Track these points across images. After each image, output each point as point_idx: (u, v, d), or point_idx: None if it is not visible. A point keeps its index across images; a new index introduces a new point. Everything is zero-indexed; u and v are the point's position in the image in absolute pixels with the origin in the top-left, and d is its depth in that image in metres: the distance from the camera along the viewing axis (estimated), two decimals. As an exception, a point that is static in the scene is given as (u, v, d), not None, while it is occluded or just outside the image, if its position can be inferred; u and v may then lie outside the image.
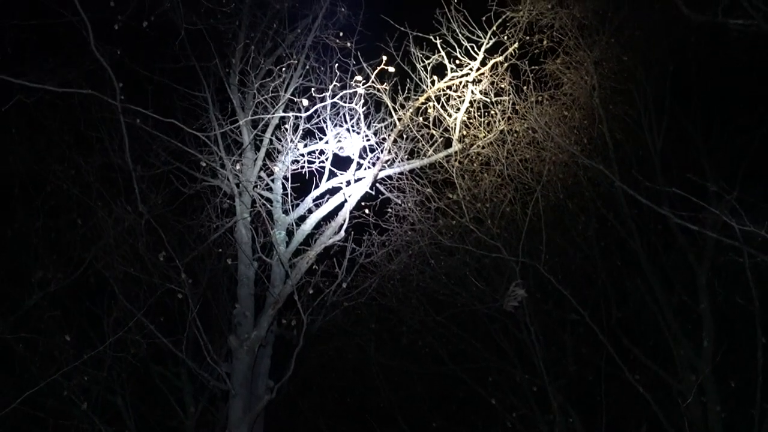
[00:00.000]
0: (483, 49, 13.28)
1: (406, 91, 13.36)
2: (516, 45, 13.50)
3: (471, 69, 13.32)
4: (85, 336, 14.42)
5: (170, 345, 12.35)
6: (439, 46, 13.10)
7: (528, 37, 13.95)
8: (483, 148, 14.22)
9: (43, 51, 13.69)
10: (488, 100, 13.86)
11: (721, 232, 10.64)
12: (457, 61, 13.30)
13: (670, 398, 14.89)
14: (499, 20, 13.38)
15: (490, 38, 13.33)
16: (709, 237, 14.33)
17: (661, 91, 14.96)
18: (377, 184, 13.71)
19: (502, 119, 14.02)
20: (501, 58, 13.51)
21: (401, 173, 14.12)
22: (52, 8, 11.55)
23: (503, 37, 13.45)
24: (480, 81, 13.60)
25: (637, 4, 13.83)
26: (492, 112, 14.01)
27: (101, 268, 13.55)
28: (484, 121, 14.02)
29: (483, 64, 13.39)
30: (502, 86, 13.93)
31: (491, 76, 13.69)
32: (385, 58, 12.30)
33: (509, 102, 14.03)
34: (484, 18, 13.32)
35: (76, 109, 14.08)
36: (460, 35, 13.25)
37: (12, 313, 13.42)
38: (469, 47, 13.35)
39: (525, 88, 14.24)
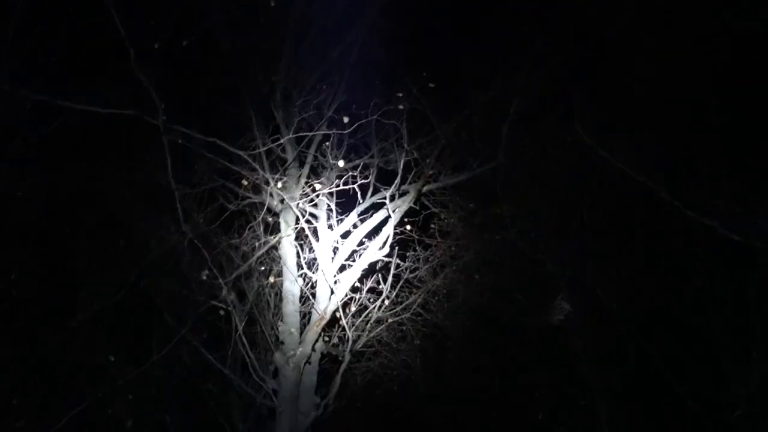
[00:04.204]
0: (528, 59, 13.23)
1: (449, 105, 13.31)
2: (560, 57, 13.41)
3: (516, 80, 13.27)
4: (132, 354, 14.47)
5: (216, 362, 12.37)
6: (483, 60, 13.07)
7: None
8: (529, 160, 14.13)
9: (88, 73, 13.81)
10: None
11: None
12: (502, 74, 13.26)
13: (719, 410, 14.67)
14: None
15: (536, 48, 13.27)
16: (758, 249, 14.11)
17: (711, 101, 14.77)
18: (421, 199, 13.66)
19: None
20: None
21: (445, 188, 14.06)
22: (93, 30, 11.65)
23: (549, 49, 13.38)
24: (526, 91, 13.53)
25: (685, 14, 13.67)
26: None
27: (147, 287, 13.62)
28: (529, 134, 13.93)
29: (528, 75, 13.32)
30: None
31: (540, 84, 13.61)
32: (425, 74, 12.27)
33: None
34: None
35: (121, 129, 14.18)
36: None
37: (59, 330, 13.51)
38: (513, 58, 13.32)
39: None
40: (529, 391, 17.17)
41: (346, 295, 12.90)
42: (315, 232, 13.33)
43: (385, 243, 12.41)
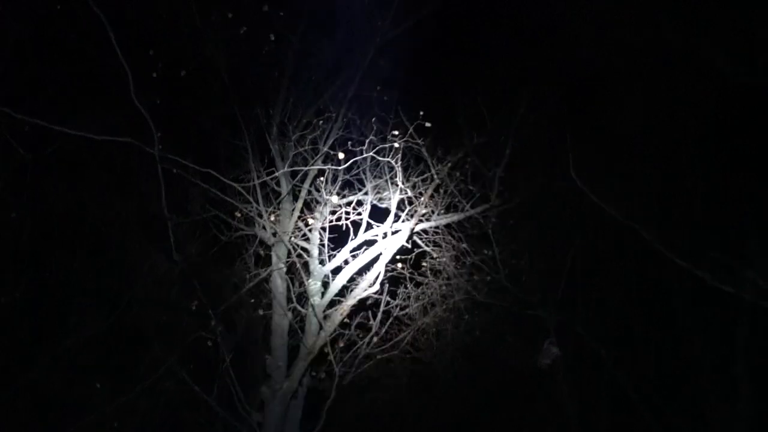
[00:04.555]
0: (524, 103, 13.33)
1: (444, 146, 13.37)
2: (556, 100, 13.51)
3: (509, 123, 13.36)
4: (119, 381, 14.41)
5: (202, 393, 12.33)
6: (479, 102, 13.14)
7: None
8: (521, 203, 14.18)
9: (84, 98, 13.85)
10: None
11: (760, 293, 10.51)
12: (497, 116, 13.34)
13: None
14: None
15: (531, 92, 13.38)
16: (746, 300, 14.15)
17: (701, 150, 14.86)
18: (414, 238, 13.68)
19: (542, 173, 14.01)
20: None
21: (437, 227, 14.08)
22: (93, 56, 11.70)
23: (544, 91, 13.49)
24: (519, 136, 13.61)
25: (677, 60, 13.76)
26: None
27: (136, 314, 13.59)
28: (522, 177, 14.00)
29: (523, 118, 13.42)
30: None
31: (533, 127, 13.71)
32: (422, 113, 12.32)
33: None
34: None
35: (116, 156, 14.21)
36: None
37: (47, 356, 13.46)
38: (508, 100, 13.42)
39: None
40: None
41: (335, 331, 12.87)
42: (306, 266, 13.34)
43: (376, 280, 12.42)
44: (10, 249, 13.42)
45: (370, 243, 13.35)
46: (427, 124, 12.41)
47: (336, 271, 13.33)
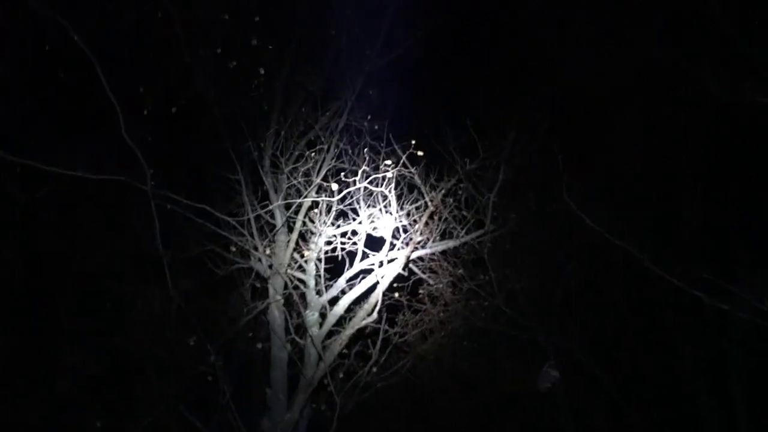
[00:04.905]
0: (515, 128, 13.40)
1: (437, 172, 13.40)
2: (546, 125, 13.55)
3: (502, 149, 13.42)
4: (119, 419, 14.32)
5: (203, 428, 12.27)
6: (470, 126, 13.18)
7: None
8: (516, 227, 14.22)
9: (74, 136, 13.84)
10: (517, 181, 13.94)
11: (754, 312, 10.53)
12: (488, 142, 13.38)
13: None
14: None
15: (522, 117, 13.44)
16: (741, 318, 14.19)
17: (694, 169, 14.96)
18: (410, 265, 13.68)
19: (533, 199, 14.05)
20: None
21: (433, 254, 14.09)
22: (82, 94, 11.72)
23: (535, 117, 13.55)
24: (511, 160, 13.67)
25: (668, 83, 13.87)
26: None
27: (133, 351, 13.52)
28: (515, 202, 14.05)
29: (514, 143, 13.49)
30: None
31: (522, 155, 13.77)
32: (414, 141, 12.35)
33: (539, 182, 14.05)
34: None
35: (109, 195, 14.19)
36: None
37: (44, 395, 13.38)
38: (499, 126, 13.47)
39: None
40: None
41: (335, 361, 12.84)
42: (303, 297, 13.32)
43: (373, 309, 12.40)
44: (2, 290, 13.38)
45: (366, 272, 13.34)
46: (419, 153, 12.47)
47: (333, 301, 13.30)
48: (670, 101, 14.47)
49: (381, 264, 12.84)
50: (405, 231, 13.14)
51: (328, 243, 13.41)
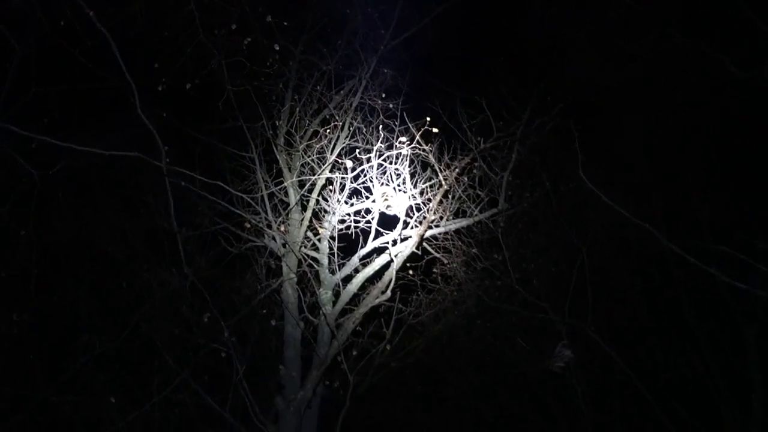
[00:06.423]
0: (529, 108, 13.31)
1: (451, 151, 13.32)
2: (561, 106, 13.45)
3: (517, 129, 13.34)
4: (132, 397, 14.38)
5: (216, 406, 12.30)
6: (484, 106, 13.09)
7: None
8: (530, 207, 14.17)
9: (89, 115, 13.86)
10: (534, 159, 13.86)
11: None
12: (503, 122, 13.30)
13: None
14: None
15: (536, 97, 13.35)
16: (758, 297, 14.11)
17: (708, 151, 14.85)
18: (423, 244, 13.65)
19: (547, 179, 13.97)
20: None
21: (447, 233, 14.05)
22: (97, 72, 11.70)
23: (549, 99, 13.44)
24: (526, 140, 13.60)
25: (682, 67, 13.75)
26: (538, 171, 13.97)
27: (147, 330, 13.57)
28: (530, 181, 13.99)
29: (529, 124, 13.41)
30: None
31: (536, 135, 13.69)
32: (428, 119, 12.29)
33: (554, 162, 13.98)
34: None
35: (123, 173, 14.23)
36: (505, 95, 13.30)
37: (59, 376, 13.44)
38: (515, 106, 13.38)
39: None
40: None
41: (348, 340, 12.83)
42: (317, 276, 13.31)
43: (387, 287, 12.37)
44: (19, 269, 13.42)
45: (380, 251, 13.32)
46: (434, 130, 12.41)
47: (347, 279, 13.29)
48: (687, 81, 14.36)
49: (395, 242, 12.79)
50: (418, 209, 13.09)
51: (342, 221, 13.38)
